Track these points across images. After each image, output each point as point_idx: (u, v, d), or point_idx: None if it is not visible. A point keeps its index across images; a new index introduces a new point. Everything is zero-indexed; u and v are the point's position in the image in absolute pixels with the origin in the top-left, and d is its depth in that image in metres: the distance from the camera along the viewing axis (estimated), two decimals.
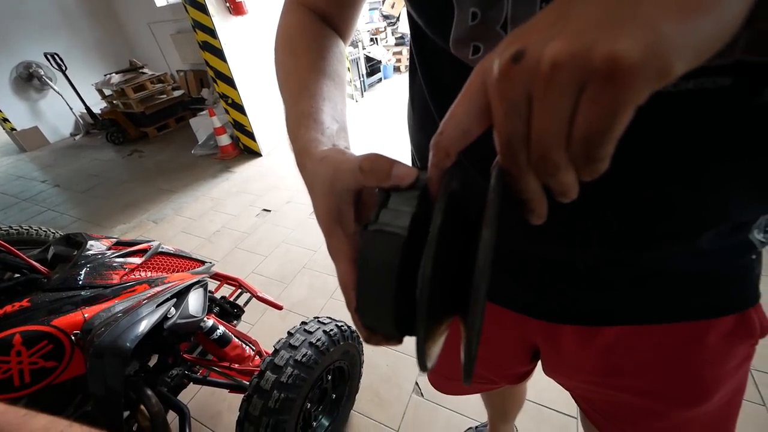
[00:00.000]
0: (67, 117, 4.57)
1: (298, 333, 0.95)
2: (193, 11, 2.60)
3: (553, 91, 0.14)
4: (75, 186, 3.24)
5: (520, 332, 0.46)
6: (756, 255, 0.34)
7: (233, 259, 2.00)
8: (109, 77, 3.91)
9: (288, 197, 2.51)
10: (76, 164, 3.73)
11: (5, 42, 3.98)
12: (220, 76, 2.85)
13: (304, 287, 1.73)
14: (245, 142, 3.22)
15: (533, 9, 0.23)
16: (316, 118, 0.30)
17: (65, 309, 0.66)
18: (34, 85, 4.23)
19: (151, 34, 4.63)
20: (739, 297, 0.35)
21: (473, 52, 0.26)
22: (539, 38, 0.14)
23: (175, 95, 4.23)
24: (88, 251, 0.77)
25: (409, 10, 0.32)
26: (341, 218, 0.25)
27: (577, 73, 0.13)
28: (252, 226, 2.26)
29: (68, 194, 3.13)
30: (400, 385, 1.28)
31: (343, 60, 0.39)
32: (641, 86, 0.12)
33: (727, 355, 0.36)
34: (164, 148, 3.81)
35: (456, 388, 0.65)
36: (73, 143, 4.45)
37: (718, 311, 0.34)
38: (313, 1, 0.39)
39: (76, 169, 3.61)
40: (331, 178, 0.24)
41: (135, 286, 0.77)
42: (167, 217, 2.50)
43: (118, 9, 4.70)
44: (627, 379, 0.40)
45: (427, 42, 0.31)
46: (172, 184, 2.94)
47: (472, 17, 0.25)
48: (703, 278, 0.33)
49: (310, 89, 0.32)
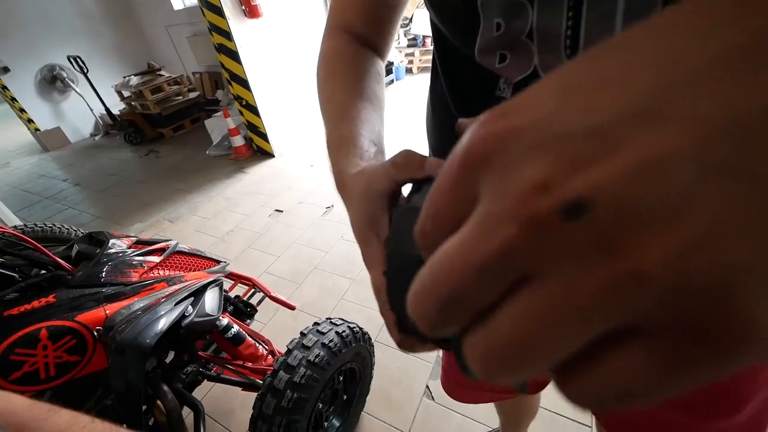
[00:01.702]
0: (88, 118, 4.71)
1: (311, 333, 0.96)
2: (210, 14, 2.65)
3: (597, 310, 0.08)
4: (94, 185, 3.33)
5: None
6: None
7: (246, 259, 2.03)
8: (128, 79, 4.02)
9: (300, 198, 2.54)
10: (96, 163, 3.84)
11: (32, 47, 4.13)
12: (235, 77, 2.90)
13: (316, 288, 1.75)
14: (258, 143, 3.26)
15: (559, 18, 0.23)
16: (356, 142, 0.31)
17: (88, 305, 0.68)
18: (57, 87, 4.37)
19: (168, 36, 4.74)
20: None
21: (500, 60, 0.26)
22: (566, 167, 0.08)
23: (190, 97, 4.31)
24: (109, 249, 0.79)
25: (433, 18, 0.32)
26: (375, 225, 0.24)
27: (654, 299, 0.07)
28: (265, 226, 2.29)
29: (87, 193, 3.23)
30: (411, 388, 1.28)
31: (381, 79, 0.39)
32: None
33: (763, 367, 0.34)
34: (180, 148, 3.89)
35: (469, 396, 0.64)
36: (92, 143, 4.58)
37: None
38: (350, 24, 0.40)
39: (95, 168, 3.71)
40: (366, 184, 0.25)
41: (154, 284, 0.79)
42: (182, 216, 2.55)
43: (137, 13, 4.83)
44: None
45: (450, 48, 0.31)
46: (188, 184, 3.00)
47: (497, 27, 0.25)
48: None
49: (349, 113, 0.33)
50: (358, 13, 0.39)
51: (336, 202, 2.41)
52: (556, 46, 0.24)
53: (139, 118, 4.11)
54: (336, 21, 0.41)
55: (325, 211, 2.34)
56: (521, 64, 0.26)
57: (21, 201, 3.19)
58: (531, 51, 0.25)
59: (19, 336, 0.61)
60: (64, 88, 4.41)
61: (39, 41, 4.16)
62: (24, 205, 3.11)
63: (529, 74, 0.26)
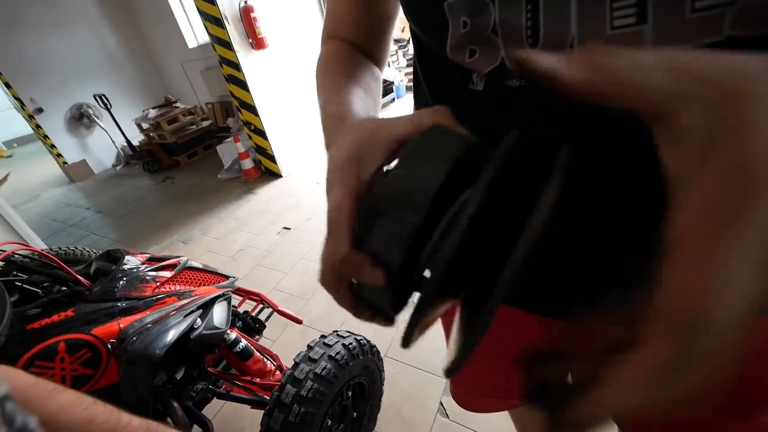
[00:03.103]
0: (110, 150, 4.97)
1: (318, 346, 0.96)
2: (220, 48, 2.81)
3: None
4: (115, 211, 3.48)
5: (543, 336, 0.44)
6: None
7: (255, 276, 2.06)
8: (147, 112, 4.25)
9: (307, 215, 2.59)
10: (116, 192, 4.02)
11: (63, 88, 4.45)
12: (244, 104, 3.04)
13: (323, 303, 1.76)
14: (267, 165, 3.37)
15: (519, 13, 0.25)
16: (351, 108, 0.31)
17: (103, 319, 0.72)
18: (83, 123, 4.66)
19: (183, 71, 5.02)
20: None
21: (469, 55, 0.29)
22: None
23: (203, 125, 4.52)
24: (124, 266, 0.84)
25: (412, 26, 0.35)
26: (362, 161, 0.22)
27: None
28: (273, 244, 2.33)
29: (109, 219, 3.37)
30: (424, 405, 1.25)
31: (378, 79, 0.40)
32: None
33: None
34: (193, 174, 4.04)
35: (478, 404, 0.63)
36: (114, 173, 4.81)
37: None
38: (344, 34, 0.42)
39: (116, 196, 3.89)
40: (378, 125, 0.23)
41: (165, 298, 0.83)
42: (195, 238, 2.63)
43: (155, 51, 5.16)
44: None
45: (427, 51, 0.34)
46: (200, 207, 3.10)
47: (464, 25, 0.28)
48: None
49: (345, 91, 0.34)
50: (350, 24, 0.42)
51: None
52: (519, 39, 0.26)
53: (156, 148, 4.31)
54: (330, 32, 0.44)
55: None
56: (489, 57, 0.28)
57: (48, 229, 3.36)
58: (497, 44, 0.27)
59: (39, 349, 0.65)
60: (90, 124, 4.69)
61: (69, 82, 4.48)
62: (51, 233, 3.27)
63: (497, 65, 0.28)
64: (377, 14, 0.41)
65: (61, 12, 4.28)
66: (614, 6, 0.21)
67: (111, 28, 4.76)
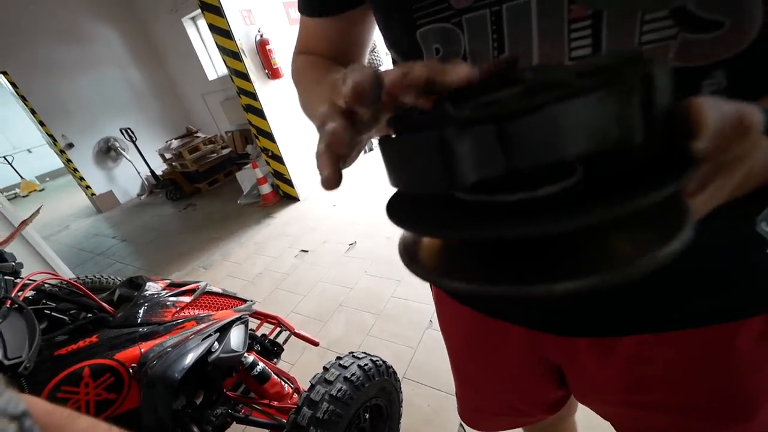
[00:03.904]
0: (135, 180, 5.23)
1: (333, 368, 0.96)
2: (238, 80, 2.97)
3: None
4: (139, 239, 3.62)
5: (537, 351, 0.44)
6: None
7: (274, 300, 2.08)
8: (170, 143, 4.48)
9: (324, 237, 2.62)
10: (141, 220, 4.19)
11: (93, 123, 4.78)
12: (261, 132, 3.16)
13: (341, 325, 1.75)
14: (284, 189, 3.45)
15: (486, 41, 0.27)
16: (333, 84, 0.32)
17: (126, 344, 0.74)
18: (110, 156, 4.95)
19: (203, 102, 5.31)
20: (762, 296, 0.32)
21: None
22: None
23: (223, 153, 4.71)
24: (146, 292, 0.87)
25: (393, 56, 0.37)
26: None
27: None
28: (291, 267, 2.36)
29: (133, 247, 3.50)
30: (444, 428, 1.21)
31: None
32: None
33: (762, 363, 0.33)
34: (214, 200, 4.19)
35: (485, 422, 0.62)
36: (138, 202, 5.04)
37: (739, 312, 0.32)
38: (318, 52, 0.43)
39: (141, 224, 4.05)
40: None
41: (184, 323, 0.85)
42: (215, 263, 2.69)
43: (177, 85, 5.49)
44: (655, 394, 0.37)
45: None
46: (220, 232, 3.19)
47: (436, 52, 0.30)
48: (713, 276, 0.31)
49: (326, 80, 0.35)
50: (324, 46, 0.42)
51: (359, 238, 2.47)
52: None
53: (178, 176, 4.51)
54: (302, 49, 0.45)
55: (348, 248, 2.39)
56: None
57: (77, 259, 3.52)
58: None
59: (65, 374, 0.67)
60: (117, 156, 4.97)
61: (98, 118, 4.81)
62: (79, 262, 3.42)
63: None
64: (351, 39, 0.42)
65: (92, 54, 4.66)
66: (572, 37, 0.24)
67: (137, 66, 5.12)
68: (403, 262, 0.16)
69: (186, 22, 4.64)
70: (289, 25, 3.24)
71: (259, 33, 2.86)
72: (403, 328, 1.63)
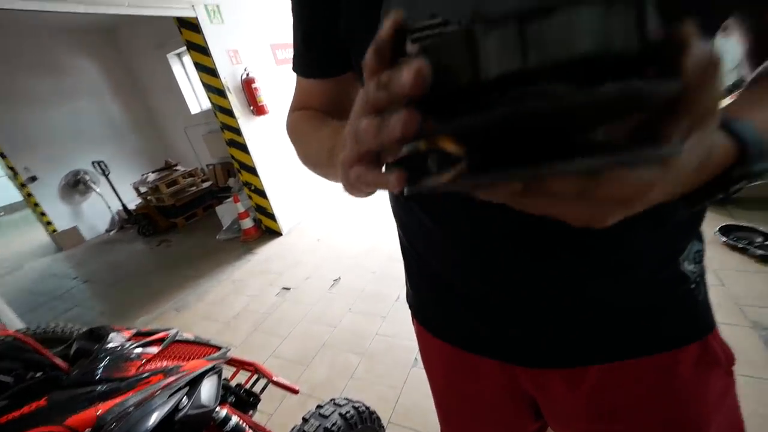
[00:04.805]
0: (105, 215, 4.98)
1: (313, 418, 0.91)
2: (222, 116, 2.98)
3: None
4: (104, 280, 3.38)
5: (513, 384, 0.45)
6: (695, 285, 0.36)
7: (252, 343, 1.95)
8: (146, 176, 4.36)
9: (307, 273, 2.53)
10: (108, 258, 3.95)
11: (61, 156, 4.55)
12: (244, 166, 3.13)
13: (324, 368, 1.64)
14: (267, 224, 3.38)
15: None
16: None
17: (80, 406, 0.65)
18: (79, 189, 4.71)
19: (185, 136, 5.26)
20: (692, 326, 0.37)
21: None
22: None
23: (203, 186, 4.62)
24: (108, 344, 0.78)
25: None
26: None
27: None
28: (272, 306, 2.24)
29: (97, 288, 3.26)
30: None
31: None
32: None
33: (703, 386, 0.37)
34: (191, 236, 4.03)
35: None
36: (107, 238, 4.77)
37: (676, 341, 0.37)
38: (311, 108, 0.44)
39: (107, 263, 3.81)
40: None
41: (150, 377, 0.76)
42: (189, 304, 2.53)
43: (158, 119, 5.45)
44: (620, 423, 0.39)
45: None
46: (197, 270, 3.04)
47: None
48: (651, 310, 0.36)
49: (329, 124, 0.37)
50: (319, 102, 0.44)
51: (343, 273, 2.40)
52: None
53: (153, 211, 4.35)
54: (297, 106, 0.46)
55: (332, 284, 2.31)
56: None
57: (29, 304, 3.18)
58: None
59: None
60: (86, 190, 4.75)
61: (67, 152, 4.60)
62: (31, 308, 3.09)
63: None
64: (347, 96, 0.43)
65: (68, 85, 4.54)
66: None
67: (116, 99, 5.03)
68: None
69: (171, 58, 4.71)
70: (276, 65, 3.32)
71: (246, 72, 2.91)
72: (389, 368, 1.55)
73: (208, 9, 2.68)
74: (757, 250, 1.63)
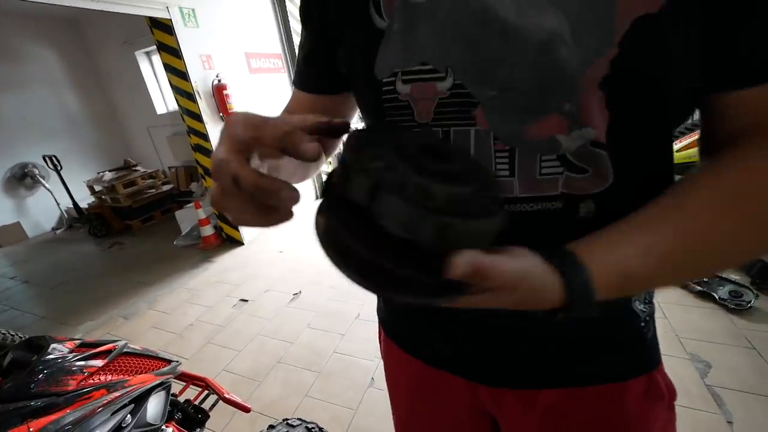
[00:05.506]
0: (52, 212, 4.63)
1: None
2: (189, 120, 2.92)
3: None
4: (46, 281, 3.13)
5: (475, 402, 0.47)
6: (645, 323, 0.39)
7: (204, 356, 1.89)
8: (102, 175, 4.12)
9: (267, 286, 2.50)
10: (52, 258, 3.66)
11: (7, 147, 4.22)
12: (208, 172, 3.06)
13: (278, 385, 1.63)
14: (228, 232, 3.30)
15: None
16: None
17: (12, 422, 0.62)
18: (25, 183, 4.36)
19: (149, 136, 5.04)
20: (640, 360, 0.40)
21: None
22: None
23: (164, 189, 4.42)
24: (48, 356, 0.75)
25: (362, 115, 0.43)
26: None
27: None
28: (227, 318, 2.19)
29: (36, 290, 3.01)
30: None
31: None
32: None
33: (648, 418, 0.39)
34: (146, 239, 3.83)
35: None
36: (53, 237, 4.42)
37: (625, 373, 0.39)
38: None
39: (51, 263, 3.53)
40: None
41: (92, 392, 0.74)
42: (139, 312, 2.40)
43: (120, 116, 5.19)
44: None
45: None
46: (149, 277, 2.89)
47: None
48: (602, 342, 0.38)
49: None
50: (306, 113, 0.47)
51: (305, 287, 2.39)
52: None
53: (107, 211, 4.10)
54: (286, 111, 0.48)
55: (292, 299, 2.30)
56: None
57: None
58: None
59: None
60: (33, 184, 4.41)
61: (15, 142, 4.28)
62: None
63: None
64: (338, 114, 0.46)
65: (22, 71, 4.25)
66: (496, 161, 0.32)
67: (74, 91, 4.76)
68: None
69: (140, 55, 4.54)
70: (250, 73, 3.32)
71: (218, 78, 2.89)
72: (345, 388, 1.56)
73: (183, 12, 2.65)
74: (696, 287, 1.79)
